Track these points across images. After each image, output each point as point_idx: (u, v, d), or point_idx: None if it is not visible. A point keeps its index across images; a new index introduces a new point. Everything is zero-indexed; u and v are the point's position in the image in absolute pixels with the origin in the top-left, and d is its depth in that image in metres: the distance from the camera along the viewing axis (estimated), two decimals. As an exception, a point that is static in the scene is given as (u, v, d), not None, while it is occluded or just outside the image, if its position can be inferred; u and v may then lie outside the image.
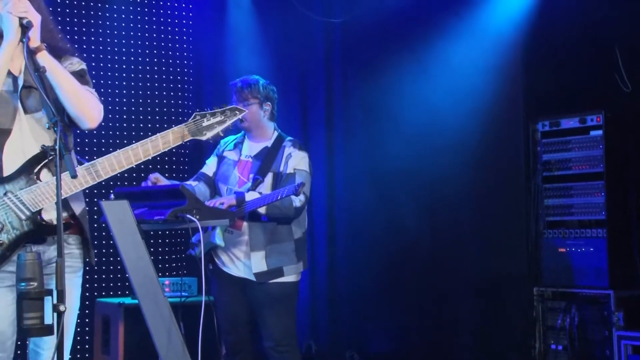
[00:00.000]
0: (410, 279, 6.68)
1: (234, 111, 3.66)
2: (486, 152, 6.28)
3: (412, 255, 6.66)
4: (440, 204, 6.52)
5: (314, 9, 7.07)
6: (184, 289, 6.49)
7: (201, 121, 3.58)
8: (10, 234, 3.24)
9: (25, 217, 3.26)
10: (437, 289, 6.52)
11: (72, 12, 7.21)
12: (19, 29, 3.23)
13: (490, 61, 6.31)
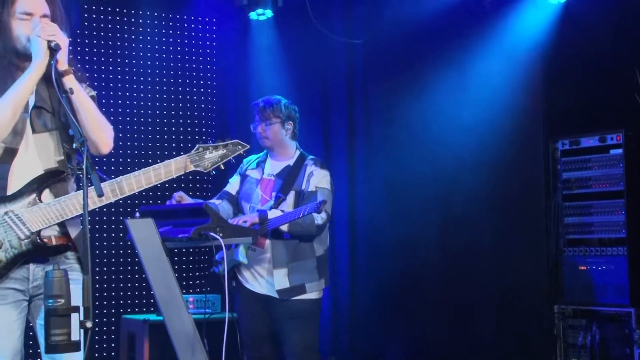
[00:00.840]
0: (431, 296, 6.65)
1: (237, 146, 3.71)
2: (506, 169, 6.26)
3: (432, 271, 6.64)
4: (460, 221, 6.49)
5: (335, 30, 7.10)
6: (207, 306, 6.50)
7: (203, 153, 3.63)
8: (9, 252, 3.25)
9: (25, 237, 3.27)
10: (458, 305, 6.49)
11: (99, 34, 7.28)
12: (47, 52, 3.26)
13: (511, 80, 6.30)
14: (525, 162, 6.23)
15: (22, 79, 3.26)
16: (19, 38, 3.33)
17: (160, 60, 7.54)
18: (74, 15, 6.87)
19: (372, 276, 7.00)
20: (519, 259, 6.15)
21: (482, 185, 6.35)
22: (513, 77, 6.30)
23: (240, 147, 3.71)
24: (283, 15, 6.96)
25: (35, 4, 3.36)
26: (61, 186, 3.37)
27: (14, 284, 3.28)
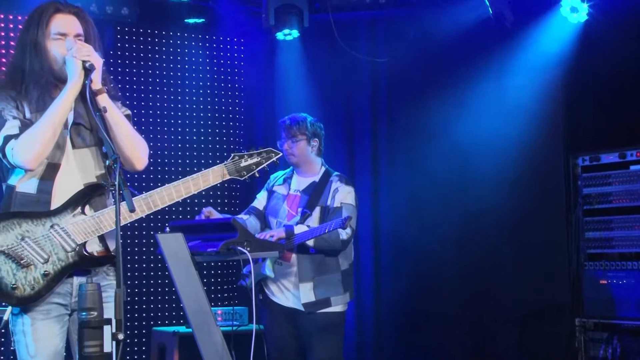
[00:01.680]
0: (453, 309, 6.63)
1: (270, 153, 3.73)
2: (528, 185, 6.25)
3: (455, 285, 6.62)
4: (482, 235, 6.48)
5: (359, 49, 7.14)
6: (235, 319, 6.51)
7: (239, 162, 3.66)
8: (56, 265, 3.29)
9: (71, 249, 3.31)
10: (480, 318, 6.47)
11: (132, 54, 7.35)
12: (82, 72, 3.31)
13: (532, 97, 6.30)
14: (546, 177, 6.21)
15: (60, 99, 3.31)
16: (55, 58, 3.39)
17: (191, 79, 7.60)
18: (108, 36, 6.95)
19: (396, 290, 6.99)
20: (541, 272, 6.12)
21: (504, 200, 6.33)
22: (534, 94, 6.30)
23: (273, 154, 3.74)
24: (309, 35, 7.00)
25: (68, 25, 3.41)
26: (100, 200, 3.42)
27: (57, 299, 3.33)
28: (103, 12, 6.57)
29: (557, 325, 5.97)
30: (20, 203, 3.33)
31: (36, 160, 3.28)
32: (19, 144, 3.26)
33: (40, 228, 3.29)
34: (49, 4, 3.44)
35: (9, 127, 3.29)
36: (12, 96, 3.36)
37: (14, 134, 3.28)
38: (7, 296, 3.24)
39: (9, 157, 3.28)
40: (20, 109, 3.35)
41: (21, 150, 3.26)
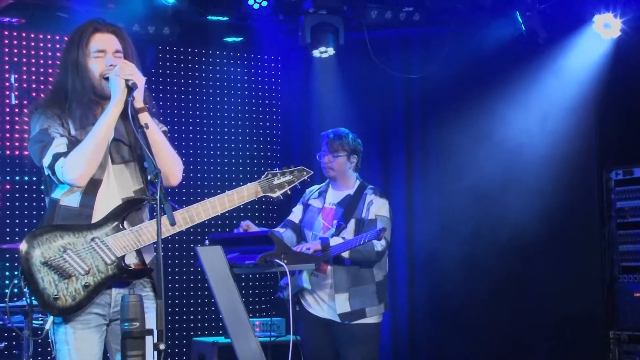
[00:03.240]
0: (487, 321, 6.58)
1: (302, 172, 3.74)
2: (562, 199, 6.20)
3: (488, 297, 6.57)
4: (516, 248, 6.44)
5: (393, 66, 7.15)
6: (273, 329, 6.50)
7: (272, 180, 3.67)
8: (96, 277, 3.31)
9: (111, 262, 3.32)
10: (514, 330, 6.41)
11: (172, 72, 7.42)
12: (125, 90, 3.33)
13: (565, 112, 6.26)
14: (580, 191, 6.15)
15: (104, 116, 3.34)
16: (95, 75, 3.41)
17: (229, 95, 7.65)
18: (150, 55, 7.02)
19: (430, 301, 6.95)
20: (574, 285, 6.05)
21: (538, 213, 6.29)
22: (567, 109, 6.25)
23: (305, 172, 3.75)
24: (344, 53, 7.01)
25: (107, 42, 3.44)
26: (137, 214, 3.44)
27: (96, 309, 3.35)
28: (145, 31, 6.64)
29: (592, 337, 5.89)
30: (63, 216, 3.36)
31: (85, 177, 3.31)
32: (68, 162, 3.29)
33: (81, 241, 3.31)
34: (88, 24, 3.47)
35: (57, 145, 3.32)
36: (58, 114, 3.38)
37: (63, 151, 3.31)
38: (49, 306, 3.26)
39: (58, 175, 3.31)
40: (66, 126, 3.38)
41: (70, 168, 3.28)
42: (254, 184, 3.62)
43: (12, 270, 6.52)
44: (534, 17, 6.26)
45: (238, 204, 3.54)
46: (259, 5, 6.45)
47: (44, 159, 3.33)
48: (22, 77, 6.76)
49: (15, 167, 6.74)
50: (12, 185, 6.75)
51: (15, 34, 6.82)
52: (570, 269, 6.11)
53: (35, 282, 3.25)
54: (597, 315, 5.89)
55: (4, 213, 6.71)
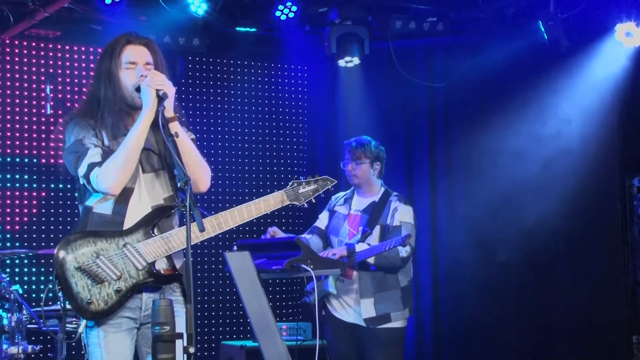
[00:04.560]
0: (511, 326, 6.54)
1: (326, 181, 3.75)
2: (584, 205, 6.16)
3: (512, 302, 6.54)
4: (538, 254, 6.40)
5: (417, 75, 7.14)
6: (299, 333, 6.51)
7: (297, 188, 3.68)
8: (128, 282, 3.34)
9: (142, 267, 3.35)
10: (537, 335, 6.36)
11: (201, 83, 7.47)
12: (155, 100, 3.36)
13: (587, 119, 6.23)
14: (602, 198, 6.11)
15: (136, 126, 3.37)
16: (126, 86, 3.44)
17: (256, 104, 7.69)
18: (180, 66, 7.07)
19: (454, 306, 6.93)
20: (597, 291, 6.00)
21: (561, 221, 6.25)
22: (589, 116, 6.22)
23: (329, 182, 3.76)
24: (369, 62, 7.02)
25: (138, 54, 3.47)
26: (166, 221, 3.46)
27: (128, 313, 3.38)
28: (176, 43, 6.69)
29: (615, 343, 5.83)
30: (96, 223, 3.40)
31: (119, 185, 3.34)
32: (103, 172, 3.32)
33: (113, 246, 3.34)
34: (121, 36, 3.50)
35: (92, 154, 3.36)
36: (92, 125, 3.42)
37: (97, 161, 3.34)
38: (82, 310, 3.30)
39: (93, 184, 3.34)
40: (99, 136, 3.41)
41: (105, 177, 3.32)
42: (280, 192, 3.63)
43: (47, 275, 6.59)
44: (557, 26, 6.23)
45: (265, 212, 3.56)
46: (286, 16, 6.48)
47: (79, 169, 3.36)
48: (57, 88, 6.84)
49: (50, 175, 6.81)
50: (47, 193, 6.82)
51: (51, 46, 6.91)
52: (592, 275, 6.06)
53: (69, 286, 3.29)
54: (619, 321, 5.83)
55: (40, 220, 6.78)
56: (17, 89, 6.78)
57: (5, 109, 6.74)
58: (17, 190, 6.74)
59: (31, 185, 6.78)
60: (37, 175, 6.80)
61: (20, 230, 6.71)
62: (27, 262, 6.70)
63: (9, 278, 5.34)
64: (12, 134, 6.75)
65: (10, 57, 6.77)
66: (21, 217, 6.74)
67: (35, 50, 6.87)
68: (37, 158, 6.81)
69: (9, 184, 6.71)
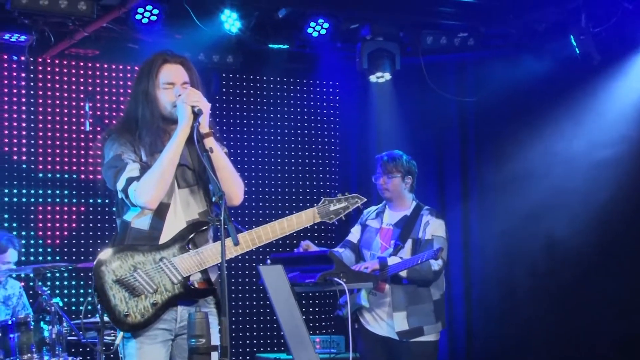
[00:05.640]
0: (546, 339, 6.47)
1: (355, 199, 3.74)
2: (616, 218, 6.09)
3: (547, 314, 6.47)
4: (571, 268, 6.34)
5: (448, 90, 7.13)
6: (332, 346, 6.50)
7: (328, 206, 3.68)
8: (163, 295, 3.37)
9: (177, 281, 3.38)
10: (574, 348, 6.29)
11: (235, 99, 7.53)
12: (191, 116, 3.39)
13: (619, 133, 6.17)
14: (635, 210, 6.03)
15: (172, 142, 3.40)
16: (164, 105, 3.47)
17: (289, 120, 7.72)
18: (215, 83, 7.14)
19: (486, 319, 6.88)
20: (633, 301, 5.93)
21: (595, 234, 6.19)
22: (622, 130, 6.16)
23: (358, 200, 3.76)
24: (400, 77, 7.02)
25: (175, 75, 3.51)
26: (202, 236, 3.49)
27: (163, 325, 3.40)
28: (210, 60, 6.76)
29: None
30: (133, 237, 3.43)
31: (156, 200, 3.37)
32: (141, 186, 3.36)
33: (150, 260, 3.37)
34: (158, 56, 3.54)
35: (130, 169, 3.39)
36: (130, 141, 3.46)
37: (136, 176, 3.38)
38: (119, 322, 3.34)
39: (131, 198, 3.38)
40: (137, 152, 3.45)
41: (143, 191, 3.35)
42: (312, 210, 3.64)
43: (87, 288, 6.66)
44: (588, 40, 6.18)
45: (296, 229, 3.57)
46: (318, 33, 6.51)
47: (118, 183, 3.40)
48: (96, 105, 6.94)
49: (89, 190, 6.90)
50: (87, 208, 6.91)
51: (90, 65, 7.02)
52: (631, 284, 5.98)
53: (107, 298, 3.33)
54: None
55: (79, 234, 6.86)
56: (57, 106, 6.90)
57: (46, 126, 6.85)
58: (58, 205, 6.83)
59: (71, 200, 6.87)
60: (77, 191, 6.89)
61: (60, 244, 6.79)
62: (67, 275, 6.78)
63: (49, 291, 5.40)
64: (52, 150, 6.86)
65: (51, 76, 6.89)
66: (61, 231, 6.83)
67: (74, 68, 6.98)
68: (76, 174, 6.90)
69: (49, 199, 6.81)
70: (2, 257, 5.74)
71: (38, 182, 6.79)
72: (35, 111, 6.82)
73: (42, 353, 5.17)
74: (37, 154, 6.80)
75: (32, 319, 5.23)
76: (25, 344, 5.15)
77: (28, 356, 5.14)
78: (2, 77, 6.72)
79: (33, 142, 6.80)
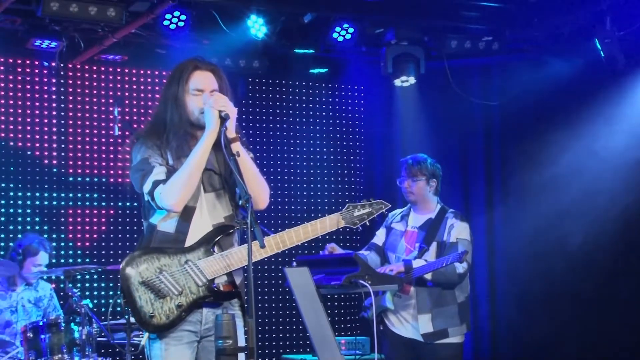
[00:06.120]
0: (571, 342, 6.41)
1: (380, 204, 3.74)
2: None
3: (571, 317, 6.42)
4: (597, 270, 6.28)
5: (473, 94, 7.10)
6: (357, 348, 6.49)
7: (353, 211, 3.68)
8: (188, 297, 3.39)
9: (202, 284, 3.40)
10: (599, 351, 6.23)
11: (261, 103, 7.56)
12: (218, 120, 3.41)
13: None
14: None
15: (199, 146, 3.42)
16: (192, 111, 3.49)
17: (314, 124, 7.73)
18: (241, 87, 7.18)
19: (511, 322, 6.84)
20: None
21: (620, 236, 6.13)
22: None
23: (383, 206, 3.75)
24: (425, 81, 7.01)
25: (205, 82, 3.53)
26: (227, 239, 3.50)
27: (188, 326, 3.42)
28: (237, 65, 6.80)
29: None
30: (159, 240, 3.46)
31: (181, 203, 3.40)
32: (166, 189, 3.38)
33: (175, 263, 3.40)
34: (189, 62, 3.56)
35: (157, 173, 3.42)
36: (157, 144, 3.48)
37: (162, 179, 3.40)
38: (145, 324, 3.37)
39: (157, 201, 3.41)
40: (164, 156, 3.48)
41: (169, 194, 3.38)
42: (337, 215, 3.64)
43: (116, 290, 6.71)
44: (613, 44, 6.13)
45: (320, 234, 3.58)
46: (343, 38, 6.52)
47: (145, 186, 3.43)
48: (125, 110, 7.01)
49: (118, 193, 6.96)
50: (116, 211, 6.97)
51: (119, 70, 7.08)
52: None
53: (133, 300, 3.36)
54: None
55: (108, 236, 6.93)
56: (87, 111, 6.97)
57: (76, 131, 6.92)
58: (87, 208, 6.90)
59: (100, 204, 6.94)
60: (106, 194, 6.95)
61: (90, 247, 6.86)
62: (97, 277, 6.84)
63: (79, 293, 5.46)
64: (82, 154, 6.93)
65: (81, 81, 6.96)
66: (91, 234, 6.89)
67: (104, 74, 7.05)
68: (106, 177, 6.97)
69: (79, 203, 6.88)
70: (33, 259, 5.81)
71: (68, 185, 6.86)
72: (65, 116, 6.89)
73: (73, 354, 5.22)
74: (67, 158, 6.87)
75: (63, 320, 5.28)
76: (56, 345, 5.20)
77: (59, 357, 5.18)
78: (33, 82, 6.80)
79: (63, 147, 6.87)
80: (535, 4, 6.39)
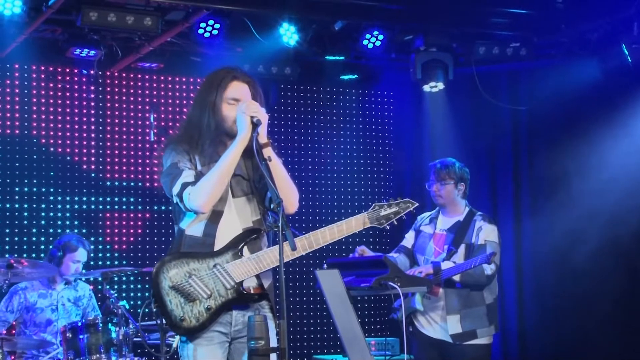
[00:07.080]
0: (600, 343, 6.34)
1: (407, 204, 3.70)
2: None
3: (601, 318, 6.35)
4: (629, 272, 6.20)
5: (501, 99, 7.06)
6: (387, 349, 6.48)
7: (379, 211, 3.65)
8: (217, 300, 3.40)
9: (230, 287, 3.40)
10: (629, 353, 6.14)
11: (292, 109, 7.58)
12: (250, 126, 3.43)
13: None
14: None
15: (230, 150, 3.43)
16: (227, 119, 3.50)
17: (345, 129, 7.74)
18: (273, 94, 7.20)
19: (539, 324, 6.78)
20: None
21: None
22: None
23: (410, 205, 3.72)
24: (453, 87, 6.98)
25: (242, 92, 3.53)
26: (255, 243, 3.51)
27: (219, 328, 3.43)
28: (269, 72, 6.83)
29: None
30: (188, 244, 3.47)
31: (209, 204, 3.41)
32: (195, 190, 3.40)
33: (204, 267, 3.41)
34: (228, 72, 3.57)
35: (186, 175, 3.44)
36: (187, 150, 3.50)
37: (191, 181, 3.42)
38: (176, 327, 3.39)
39: (185, 202, 3.42)
40: (193, 161, 3.49)
41: (197, 195, 3.39)
42: (362, 215, 3.63)
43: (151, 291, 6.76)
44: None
45: (347, 234, 3.56)
46: (373, 44, 6.52)
47: (174, 188, 3.45)
48: (160, 117, 7.07)
49: (153, 197, 7.02)
50: (151, 215, 7.03)
51: (155, 78, 7.15)
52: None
53: (164, 304, 3.39)
54: None
55: (144, 239, 6.99)
56: (123, 117, 7.04)
57: (113, 137, 7.00)
58: (124, 212, 6.97)
59: (136, 207, 7.00)
60: (142, 198, 7.02)
61: (126, 249, 6.92)
62: (133, 279, 6.90)
63: (116, 294, 5.50)
64: (119, 159, 7.00)
65: (118, 89, 7.04)
66: (127, 237, 6.96)
67: (140, 81, 7.12)
68: (141, 182, 7.03)
69: (116, 207, 6.95)
70: (72, 255, 5.86)
71: (106, 190, 6.94)
72: (103, 122, 6.97)
73: (110, 353, 5.26)
74: (104, 163, 6.95)
75: (101, 320, 5.33)
76: (94, 345, 5.25)
77: (97, 356, 5.23)
78: (72, 90, 6.89)
79: (101, 152, 6.95)
80: (562, 10, 6.34)
